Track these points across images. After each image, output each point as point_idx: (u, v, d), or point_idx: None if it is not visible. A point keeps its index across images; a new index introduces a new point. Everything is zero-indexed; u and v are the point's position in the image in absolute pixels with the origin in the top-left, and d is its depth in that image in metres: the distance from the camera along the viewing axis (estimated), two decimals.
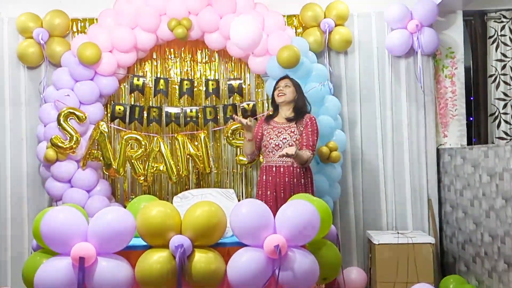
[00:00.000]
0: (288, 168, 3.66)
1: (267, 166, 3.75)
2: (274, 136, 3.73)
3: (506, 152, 3.59)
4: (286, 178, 3.66)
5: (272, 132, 3.76)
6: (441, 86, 4.76)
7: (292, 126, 3.72)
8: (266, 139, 3.77)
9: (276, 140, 3.70)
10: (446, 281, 4.21)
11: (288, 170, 3.66)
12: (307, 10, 4.51)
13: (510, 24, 4.89)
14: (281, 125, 3.76)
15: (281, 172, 3.67)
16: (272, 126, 3.80)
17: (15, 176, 4.53)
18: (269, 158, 3.75)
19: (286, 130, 3.72)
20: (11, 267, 4.49)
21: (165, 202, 2.72)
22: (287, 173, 3.67)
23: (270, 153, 3.74)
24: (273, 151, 3.71)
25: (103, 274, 2.48)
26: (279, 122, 3.80)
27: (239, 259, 2.56)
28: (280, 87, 3.81)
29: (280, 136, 3.71)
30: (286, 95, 3.77)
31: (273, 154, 3.71)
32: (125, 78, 4.56)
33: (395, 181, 4.69)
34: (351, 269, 4.51)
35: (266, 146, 3.76)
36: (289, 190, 3.64)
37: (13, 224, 4.51)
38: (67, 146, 4.11)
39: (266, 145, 3.76)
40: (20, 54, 4.47)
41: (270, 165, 3.72)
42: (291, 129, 3.71)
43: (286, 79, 3.86)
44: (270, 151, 3.73)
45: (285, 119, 3.79)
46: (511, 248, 3.56)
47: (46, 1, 4.53)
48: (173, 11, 4.27)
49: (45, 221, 2.51)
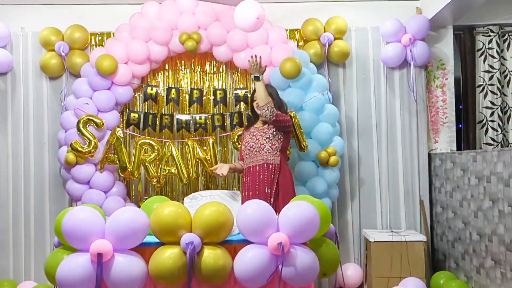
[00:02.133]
0: (262, 165, 3.63)
1: (246, 168, 3.73)
2: (249, 139, 3.71)
3: (493, 157, 3.59)
4: (261, 175, 3.62)
5: (248, 137, 3.75)
6: (432, 96, 4.76)
7: (265, 128, 3.68)
8: (243, 144, 3.77)
9: (250, 142, 3.69)
10: (436, 277, 4.20)
11: (262, 167, 3.63)
12: (308, 24, 4.53)
13: (497, 38, 4.89)
14: (257, 129, 3.73)
15: (257, 171, 3.63)
16: (249, 132, 3.77)
17: (38, 178, 4.54)
18: (247, 160, 3.72)
19: (259, 132, 3.69)
20: (34, 262, 4.50)
21: (177, 203, 2.72)
22: (261, 170, 3.63)
23: (247, 156, 3.71)
24: (249, 153, 3.69)
25: (119, 269, 2.49)
26: (257, 127, 3.76)
27: (245, 256, 2.56)
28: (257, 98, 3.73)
29: (253, 138, 3.70)
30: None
31: (249, 156, 3.68)
32: (140, 88, 4.56)
33: (389, 183, 4.68)
34: (349, 265, 4.51)
35: (243, 150, 3.75)
36: (263, 187, 3.60)
37: (36, 222, 4.52)
38: (86, 150, 4.12)
39: (243, 149, 3.75)
40: (43, 66, 4.50)
41: (248, 166, 3.70)
42: (263, 131, 3.68)
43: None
44: (247, 154, 3.71)
45: (262, 123, 3.75)
46: (498, 246, 3.55)
47: (67, 17, 4.55)
48: (184, 25, 4.29)
49: (66, 220, 2.52)
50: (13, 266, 4.50)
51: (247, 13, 3.70)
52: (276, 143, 3.67)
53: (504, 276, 3.49)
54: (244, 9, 3.71)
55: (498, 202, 3.53)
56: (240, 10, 3.73)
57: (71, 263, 2.50)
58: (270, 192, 3.61)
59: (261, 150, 3.64)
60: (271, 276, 2.54)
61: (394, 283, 4.08)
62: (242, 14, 3.73)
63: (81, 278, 2.47)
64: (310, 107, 4.22)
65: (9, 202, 4.52)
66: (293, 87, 4.24)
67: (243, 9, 3.72)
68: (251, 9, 3.69)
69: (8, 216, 4.51)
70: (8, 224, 4.51)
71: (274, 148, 3.66)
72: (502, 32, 4.91)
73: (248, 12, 3.69)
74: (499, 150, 3.55)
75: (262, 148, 3.65)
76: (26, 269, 4.50)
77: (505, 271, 3.47)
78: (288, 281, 2.59)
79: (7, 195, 4.53)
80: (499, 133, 4.86)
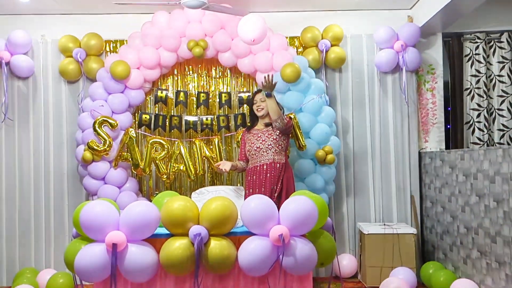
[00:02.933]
0: (269, 165, 3.63)
1: (252, 168, 3.71)
2: (254, 141, 3.71)
3: (480, 155, 3.60)
4: (268, 174, 3.62)
5: (252, 138, 3.73)
6: (423, 98, 4.76)
7: (270, 130, 3.69)
8: (249, 145, 3.74)
9: (256, 143, 3.68)
10: (426, 267, 4.21)
11: (270, 166, 3.63)
12: (306, 32, 4.53)
13: (483, 45, 4.88)
14: (261, 131, 3.73)
15: (264, 169, 3.63)
16: (252, 133, 3.76)
17: (57, 174, 4.57)
18: (253, 160, 3.71)
19: (264, 134, 3.69)
20: (54, 251, 4.53)
21: (185, 197, 2.73)
22: (269, 169, 3.63)
23: (253, 156, 3.70)
24: (255, 154, 3.68)
25: (133, 258, 2.51)
26: (259, 129, 3.76)
27: (248, 246, 2.57)
28: (257, 102, 3.74)
29: (259, 139, 3.69)
30: (264, 109, 3.71)
31: (256, 156, 3.67)
32: (151, 91, 4.58)
33: (382, 180, 4.69)
34: (344, 255, 4.52)
35: (249, 150, 3.73)
36: (269, 184, 3.60)
37: (55, 214, 4.54)
38: (101, 149, 4.14)
39: (249, 150, 3.73)
40: (62, 71, 4.51)
41: (255, 165, 3.68)
42: (268, 132, 3.68)
43: (260, 93, 3.76)
44: (253, 154, 3.70)
45: (264, 125, 3.75)
46: (483, 238, 3.56)
47: (83, 25, 4.57)
48: (192, 33, 4.30)
49: (83, 213, 2.54)
50: (34, 255, 4.52)
51: (246, 32, 3.75)
52: (282, 144, 3.69)
53: (489, 266, 3.50)
54: (244, 28, 3.75)
55: (484, 198, 3.53)
56: (241, 28, 3.77)
57: (88, 252, 2.52)
58: (276, 188, 3.61)
59: (268, 151, 3.64)
60: (272, 266, 2.56)
61: (386, 273, 4.09)
62: (242, 32, 3.77)
63: (97, 266, 2.49)
64: (309, 109, 4.22)
65: (31, 196, 4.55)
66: (293, 91, 4.25)
67: (243, 28, 3.76)
68: (249, 32, 3.74)
69: (30, 209, 4.54)
70: (30, 217, 4.54)
71: (280, 149, 3.67)
72: (488, 39, 4.91)
73: (247, 32, 3.74)
74: (485, 149, 3.55)
75: (269, 149, 3.65)
76: (46, 258, 4.53)
77: (490, 262, 3.47)
78: (288, 270, 2.60)
79: (29, 190, 4.55)
80: (485, 133, 4.86)
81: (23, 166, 4.56)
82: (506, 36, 4.88)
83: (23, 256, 4.51)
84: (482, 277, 3.58)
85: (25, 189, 4.54)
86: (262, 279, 2.64)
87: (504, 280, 3.30)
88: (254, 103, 3.76)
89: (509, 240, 3.22)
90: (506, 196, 3.25)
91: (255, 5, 4.48)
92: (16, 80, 4.56)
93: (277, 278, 2.60)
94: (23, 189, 4.54)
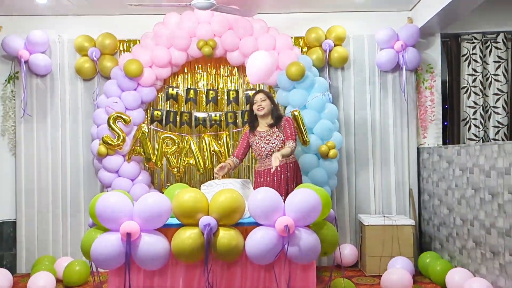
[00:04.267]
0: (283, 166, 3.56)
1: (264, 170, 3.63)
2: (264, 144, 3.62)
3: (476, 151, 3.58)
4: (282, 174, 3.57)
5: (261, 142, 3.64)
6: (421, 96, 4.74)
7: (275, 131, 3.62)
8: (258, 148, 3.65)
9: (267, 147, 3.61)
10: (423, 257, 4.20)
11: (283, 167, 3.56)
12: (311, 32, 4.52)
13: (480, 45, 4.85)
14: (266, 133, 3.64)
15: (277, 171, 3.55)
16: (258, 136, 3.67)
17: (73, 168, 4.59)
18: (265, 162, 3.63)
19: (272, 136, 3.61)
20: (70, 240, 4.56)
21: (195, 189, 2.73)
22: (282, 169, 3.57)
23: (265, 159, 3.63)
24: (268, 156, 3.61)
25: (146, 247, 2.51)
26: (263, 131, 3.67)
27: (255, 236, 2.56)
28: (258, 101, 3.65)
29: (269, 143, 3.61)
30: (264, 108, 3.63)
31: (269, 158, 3.59)
32: (162, 88, 4.59)
33: (382, 174, 4.68)
34: (345, 245, 4.52)
35: (260, 154, 3.65)
36: (284, 184, 3.56)
37: (72, 205, 4.57)
38: (115, 143, 4.16)
39: (260, 154, 3.65)
40: (77, 69, 4.53)
41: (268, 168, 3.59)
42: (276, 134, 3.61)
43: (260, 93, 3.69)
44: (265, 157, 3.63)
45: (268, 127, 3.66)
46: (478, 229, 3.55)
47: (98, 26, 4.58)
48: (201, 33, 4.30)
49: (99, 204, 2.54)
50: (52, 244, 4.56)
51: (249, 71, 3.76)
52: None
53: (483, 256, 3.49)
54: (249, 69, 3.76)
55: (480, 191, 3.52)
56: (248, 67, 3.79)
57: (103, 241, 2.53)
58: (292, 186, 3.54)
59: (276, 152, 3.51)
60: (278, 255, 2.55)
61: (385, 262, 4.10)
62: (248, 70, 3.79)
63: (112, 254, 2.50)
64: (313, 106, 4.21)
65: (49, 188, 4.58)
66: (297, 88, 4.24)
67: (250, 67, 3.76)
68: (250, 76, 3.77)
69: (48, 200, 4.57)
70: (48, 208, 4.56)
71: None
72: (484, 40, 4.87)
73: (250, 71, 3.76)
74: (481, 145, 3.54)
75: (277, 149, 3.58)
76: (63, 247, 4.56)
77: (485, 252, 3.47)
78: (293, 259, 2.60)
79: (47, 182, 4.58)
80: (480, 129, 4.84)
81: (41, 159, 4.58)
82: (502, 36, 4.84)
83: (41, 244, 4.55)
84: (477, 266, 3.58)
85: (43, 181, 4.57)
86: (268, 267, 2.64)
87: (498, 269, 3.29)
88: (255, 102, 3.67)
89: (503, 232, 3.21)
90: (500, 190, 3.24)
91: (262, 7, 4.46)
92: (35, 77, 4.58)
93: (282, 267, 2.60)
94: (41, 181, 4.57)
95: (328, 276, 3.95)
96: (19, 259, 4.53)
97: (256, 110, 3.67)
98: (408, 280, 3.63)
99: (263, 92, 3.73)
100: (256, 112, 3.67)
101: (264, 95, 3.68)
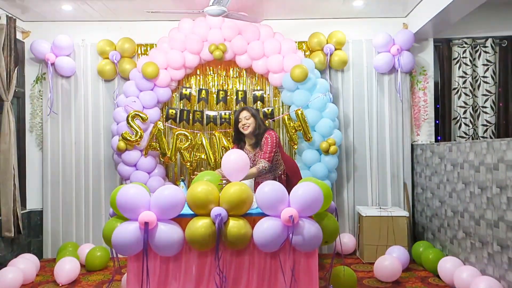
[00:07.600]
0: (275, 178, 3.33)
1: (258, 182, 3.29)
2: (252, 165, 3.30)
3: (466, 147, 3.55)
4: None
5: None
6: (415, 96, 4.70)
7: (258, 152, 3.32)
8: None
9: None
10: (417, 246, 4.18)
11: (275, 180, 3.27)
12: (313, 37, 4.49)
13: (470, 49, 4.80)
14: (251, 154, 3.35)
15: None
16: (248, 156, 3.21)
17: (95, 162, 4.60)
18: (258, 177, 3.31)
19: (256, 156, 3.32)
20: (92, 228, 4.58)
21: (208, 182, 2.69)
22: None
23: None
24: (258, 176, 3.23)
25: (162, 235, 2.51)
26: (251, 151, 3.37)
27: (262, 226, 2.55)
28: (242, 120, 3.29)
29: (254, 163, 3.32)
30: (249, 127, 3.28)
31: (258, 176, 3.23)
32: (176, 89, 4.58)
33: (378, 168, 4.65)
34: (344, 235, 4.51)
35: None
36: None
37: (94, 196, 4.59)
38: (133, 139, 4.16)
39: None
40: (99, 71, 4.53)
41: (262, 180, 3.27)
42: (256, 154, 3.33)
43: (244, 111, 3.32)
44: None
45: (251, 147, 3.37)
46: (468, 221, 3.52)
47: (118, 31, 4.59)
48: (213, 38, 4.29)
49: (119, 195, 2.53)
50: (75, 231, 4.58)
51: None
52: (276, 157, 3.38)
53: (473, 246, 3.46)
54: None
55: (470, 185, 3.49)
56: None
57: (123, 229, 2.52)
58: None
59: (267, 171, 3.29)
60: (283, 243, 2.54)
61: (381, 250, 4.08)
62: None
63: (131, 242, 2.49)
64: (315, 105, 4.19)
65: (72, 181, 4.59)
66: (301, 89, 4.22)
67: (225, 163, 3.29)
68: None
69: (71, 191, 4.59)
70: (72, 198, 4.58)
71: (276, 163, 3.38)
72: (474, 44, 4.81)
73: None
74: (470, 142, 3.50)
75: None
76: (85, 234, 4.58)
77: (474, 242, 3.44)
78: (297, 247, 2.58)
79: (71, 175, 4.59)
80: (470, 128, 4.79)
81: (65, 154, 4.59)
82: (490, 41, 4.79)
83: (66, 232, 4.57)
84: (467, 255, 3.55)
85: (67, 174, 4.59)
86: (274, 254, 2.63)
87: (486, 258, 3.26)
88: (239, 121, 3.30)
89: (491, 223, 3.17)
90: (489, 184, 3.20)
91: (268, 13, 4.43)
92: (60, 78, 4.59)
93: (287, 254, 2.59)
94: (66, 174, 4.59)
95: (329, 263, 3.94)
96: (45, 246, 4.56)
97: (241, 129, 3.32)
98: (397, 266, 3.60)
99: (247, 110, 3.33)
100: (242, 131, 3.32)
101: (248, 113, 3.31)
